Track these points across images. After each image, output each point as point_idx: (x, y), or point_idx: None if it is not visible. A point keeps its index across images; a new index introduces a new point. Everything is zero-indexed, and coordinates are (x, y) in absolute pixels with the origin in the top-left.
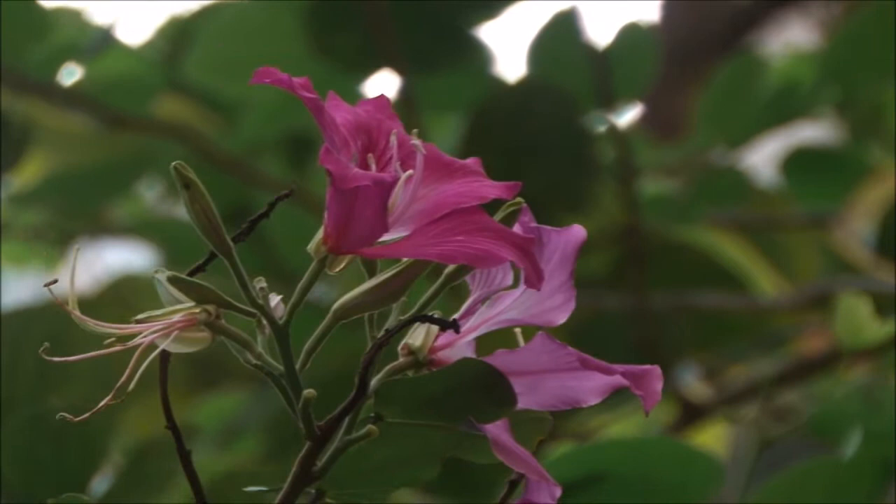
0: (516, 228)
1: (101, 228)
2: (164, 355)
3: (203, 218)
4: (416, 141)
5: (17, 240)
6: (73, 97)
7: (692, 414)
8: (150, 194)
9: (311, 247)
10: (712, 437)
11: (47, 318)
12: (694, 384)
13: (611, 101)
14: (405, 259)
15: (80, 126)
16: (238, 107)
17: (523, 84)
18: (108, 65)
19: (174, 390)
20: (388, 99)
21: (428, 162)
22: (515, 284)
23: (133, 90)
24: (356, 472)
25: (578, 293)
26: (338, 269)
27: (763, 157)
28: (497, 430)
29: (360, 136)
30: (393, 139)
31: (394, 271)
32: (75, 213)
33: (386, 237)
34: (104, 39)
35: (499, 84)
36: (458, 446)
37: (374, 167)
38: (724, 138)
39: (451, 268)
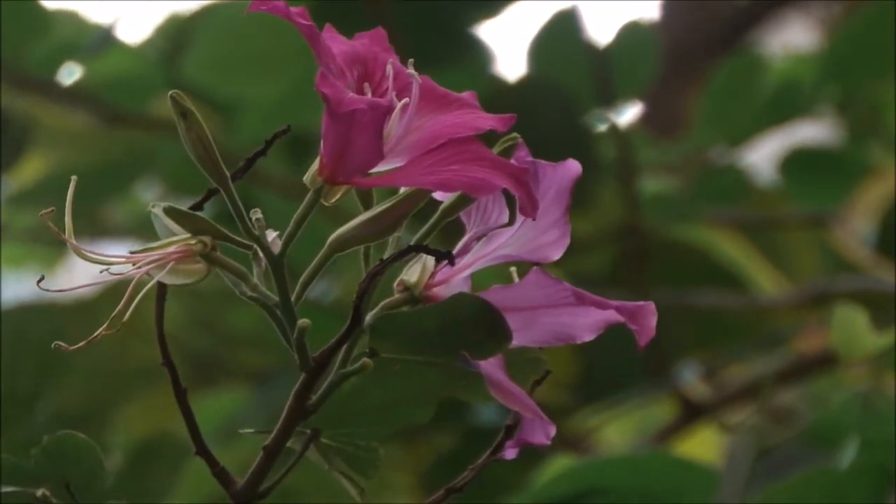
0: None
1: (100, 230)
2: (161, 287)
3: (199, 147)
4: (412, 71)
5: (16, 241)
6: (72, 94)
7: (692, 413)
8: (148, 194)
9: (306, 178)
10: (710, 439)
11: (46, 318)
12: (694, 383)
13: (611, 99)
14: (401, 192)
15: (79, 124)
16: (238, 106)
17: (524, 83)
18: (108, 63)
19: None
20: (384, 32)
21: (424, 92)
22: (511, 223)
23: (133, 88)
24: (352, 412)
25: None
26: (333, 200)
27: (763, 156)
28: (492, 368)
29: (356, 66)
30: (389, 69)
31: (390, 203)
32: (74, 214)
33: (381, 167)
34: (104, 39)
35: (499, 83)
36: (454, 384)
37: (370, 96)
38: (724, 137)
39: (447, 202)
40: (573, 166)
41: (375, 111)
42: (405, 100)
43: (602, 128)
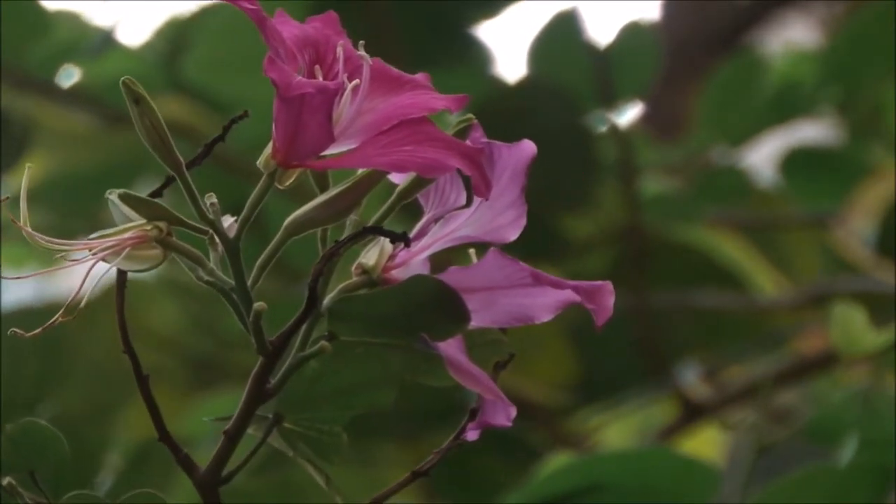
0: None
1: (101, 229)
2: (121, 274)
3: (153, 133)
4: (362, 53)
5: (17, 241)
6: (73, 96)
7: (693, 413)
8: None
9: (260, 161)
10: (711, 439)
11: (46, 320)
12: (694, 383)
13: (612, 100)
14: (357, 173)
15: (80, 125)
16: (238, 106)
17: (524, 84)
18: (109, 64)
19: (173, 392)
20: (336, 16)
21: (375, 74)
22: (469, 205)
23: None
24: (314, 396)
25: None
26: (287, 183)
27: (763, 157)
28: (452, 350)
29: (307, 50)
30: (339, 52)
31: (345, 186)
32: (75, 214)
33: (335, 150)
34: (105, 41)
35: (500, 83)
36: (414, 366)
37: (321, 79)
38: (725, 137)
39: (403, 184)
40: (528, 147)
41: (324, 94)
42: (355, 81)
43: (603, 128)
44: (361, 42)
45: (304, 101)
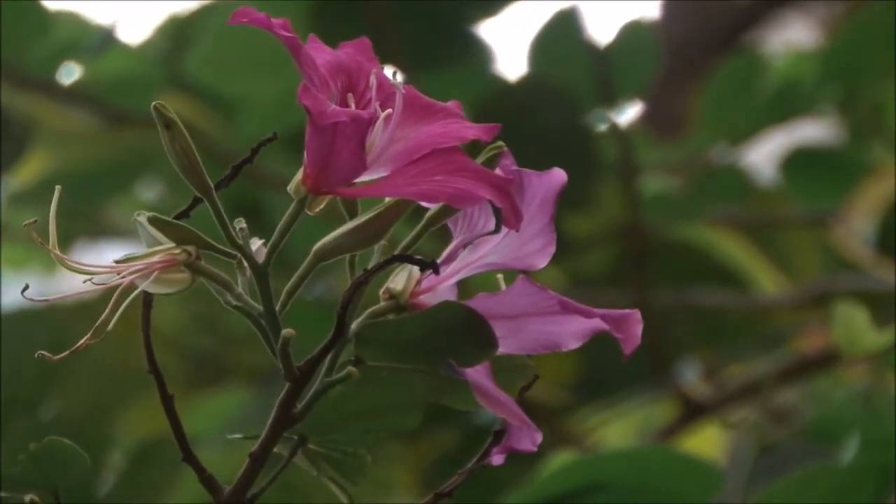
0: (497, 171)
1: (100, 230)
2: (147, 297)
3: (183, 157)
4: (395, 81)
5: (17, 242)
6: (74, 95)
7: (693, 412)
8: (149, 194)
9: (290, 187)
10: (712, 439)
11: (48, 321)
12: (695, 382)
13: (612, 99)
14: (386, 201)
15: (81, 124)
16: (239, 104)
17: (525, 83)
18: (110, 63)
19: (174, 390)
20: (368, 42)
21: (407, 102)
22: (497, 231)
23: (134, 88)
24: (338, 419)
25: (579, 292)
26: (317, 210)
27: (763, 156)
28: (478, 375)
29: (339, 76)
30: (372, 79)
31: (374, 213)
32: (75, 214)
33: (365, 177)
34: (106, 39)
35: (500, 82)
36: (440, 391)
37: (353, 107)
38: (725, 136)
39: (432, 211)
40: (558, 175)
41: (357, 123)
42: (388, 110)
43: (603, 127)
44: (394, 71)
45: (338, 130)
